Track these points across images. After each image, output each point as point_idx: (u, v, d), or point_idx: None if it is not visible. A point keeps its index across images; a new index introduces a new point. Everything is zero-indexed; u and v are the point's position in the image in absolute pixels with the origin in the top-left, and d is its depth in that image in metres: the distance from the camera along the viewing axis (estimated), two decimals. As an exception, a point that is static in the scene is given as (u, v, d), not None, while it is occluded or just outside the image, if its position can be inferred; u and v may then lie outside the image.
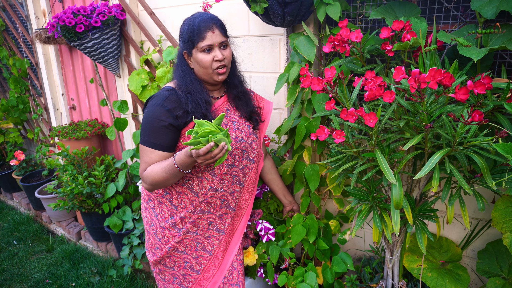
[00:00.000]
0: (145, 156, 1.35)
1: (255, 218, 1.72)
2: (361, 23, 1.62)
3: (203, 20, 1.33)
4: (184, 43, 1.36)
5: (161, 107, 1.31)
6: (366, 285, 1.64)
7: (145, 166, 1.36)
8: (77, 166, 2.74)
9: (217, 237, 1.51)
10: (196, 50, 1.34)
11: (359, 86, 1.15)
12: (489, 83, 0.91)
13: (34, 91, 3.70)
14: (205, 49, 1.33)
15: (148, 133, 1.33)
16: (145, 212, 1.54)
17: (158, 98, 1.34)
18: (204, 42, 1.32)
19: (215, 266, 1.53)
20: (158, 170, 1.30)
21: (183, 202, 1.43)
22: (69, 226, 3.18)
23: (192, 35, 1.32)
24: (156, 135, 1.32)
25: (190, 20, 1.35)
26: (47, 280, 2.56)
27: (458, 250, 1.57)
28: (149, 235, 1.53)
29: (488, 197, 1.48)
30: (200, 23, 1.32)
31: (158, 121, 1.31)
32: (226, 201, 1.47)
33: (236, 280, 1.55)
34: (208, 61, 1.34)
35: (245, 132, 1.48)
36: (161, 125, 1.31)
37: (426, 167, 0.98)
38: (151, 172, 1.32)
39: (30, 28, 3.36)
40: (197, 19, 1.33)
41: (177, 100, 1.33)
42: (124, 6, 2.37)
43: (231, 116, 1.48)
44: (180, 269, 1.52)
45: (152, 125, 1.32)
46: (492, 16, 1.12)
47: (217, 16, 1.38)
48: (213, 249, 1.51)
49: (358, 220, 1.24)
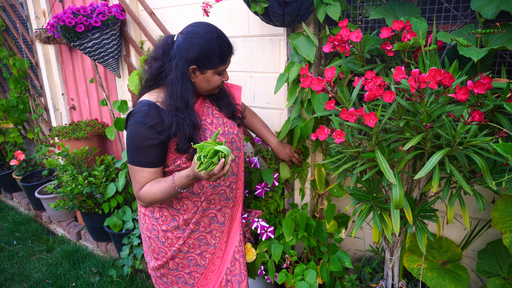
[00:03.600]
0: (137, 176, 1.32)
1: (253, 217, 1.72)
2: (361, 23, 1.62)
3: (227, 45, 1.29)
4: (196, 61, 1.26)
5: (143, 125, 1.25)
6: (366, 285, 1.65)
7: (139, 186, 1.33)
8: (77, 166, 2.74)
9: (219, 229, 1.51)
10: (213, 71, 1.29)
11: (359, 86, 1.15)
12: (489, 83, 0.91)
13: (34, 91, 3.70)
14: (222, 72, 1.31)
15: (134, 153, 1.29)
16: (143, 218, 1.50)
17: (138, 116, 1.27)
18: (225, 66, 1.30)
19: (219, 257, 1.54)
20: (156, 192, 1.28)
21: (185, 204, 1.42)
22: (69, 226, 3.18)
23: (213, 56, 1.25)
24: (143, 153, 1.28)
25: (209, 37, 1.25)
26: (47, 280, 2.56)
27: (458, 250, 1.57)
28: (151, 240, 1.48)
29: (488, 197, 1.48)
30: (225, 47, 1.27)
31: (142, 139, 1.26)
32: (225, 194, 1.48)
33: (238, 271, 1.56)
34: (220, 81, 1.33)
35: (230, 125, 1.47)
36: (146, 144, 1.26)
37: (426, 167, 0.98)
38: (148, 193, 1.30)
39: (30, 28, 3.36)
40: (221, 41, 1.27)
41: (158, 115, 1.27)
42: (124, 6, 2.37)
43: (214, 113, 1.44)
44: (184, 268, 1.51)
45: (137, 145, 1.27)
46: (492, 16, 1.12)
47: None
48: (216, 242, 1.52)
49: (358, 220, 1.24)
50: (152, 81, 1.33)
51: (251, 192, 1.89)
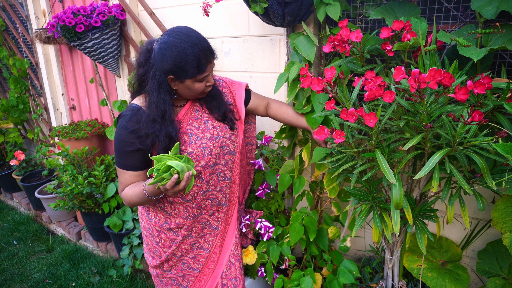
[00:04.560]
0: (120, 177, 1.35)
1: (255, 217, 1.72)
2: (361, 23, 1.62)
3: (203, 52, 1.22)
4: (171, 71, 1.22)
5: (125, 129, 1.26)
6: (366, 285, 1.64)
7: (122, 187, 1.35)
8: (77, 166, 2.74)
9: (212, 234, 1.51)
10: (191, 80, 1.25)
11: (359, 86, 1.15)
12: (489, 83, 0.91)
13: (34, 91, 3.70)
14: (202, 79, 1.27)
15: (118, 155, 1.31)
16: (141, 217, 1.54)
17: (123, 120, 1.28)
18: (204, 74, 1.26)
19: (213, 261, 1.53)
20: (132, 195, 1.30)
21: (177, 209, 1.42)
22: (69, 226, 3.18)
23: (188, 67, 1.21)
24: (125, 157, 1.30)
25: (182, 48, 1.19)
26: (47, 280, 2.56)
27: (458, 250, 1.57)
28: (147, 239, 1.53)
29: (488, 197, 1.48)
30: (200, 56, 1.21)
31: (124, 143, 1.27)
32: (216, 199, 1.46)
33: (234, 275, 1.55)
34: (202, 87, 1.30)
35: (220, 128, 1.42)
36: (127, 148, 1.28)
37: (426, 167, 0.98)
38: (126, 195, 1.32)
39: (30, 28, 3.36)
40: (195, 50, 1.20)
41: (141, 120, 1.27)
42: (124, 6, 2.37)
43: (202, 116, 1.40)
44: (177, 271, 1.52)
45: (120, 148, 1.29)
46: (492, 16, 1.12)
47: (206, 39, 1.27)
48: (210, 246, 1.51)
49: (358, 220, 1.24)
50: (139, 87, 1.33)
51: (252, 192, 1.89)
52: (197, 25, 2.16)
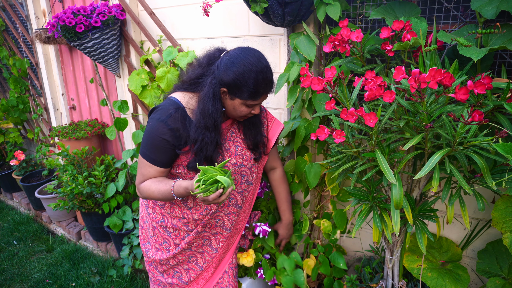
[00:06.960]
0: (143, 169, 1.33)
1: (253, 219, 1.71)
2: (361, 23, 1.62)
3: (265, 83, 1.24)
4: (228, 85, 1.23)
5: (164, 124, 1.25)
6: (366, 285, 1.64)
7: (142, 179, 1.35)
8: (77, 166, 2.74)
9: (210, 254, 1.51)
10: (241, 101, 1.26)
11: (359, 86, 1.15)
12: (489, 83, 0.91)
13: (34, 91, 3.70)
14: (251, 105, 1.28)
15: (148, 147, 1.30)
16: (141, 207, 1.57)
17: (162, 113, 1.27)
18: (255, 102, 1.27)
19: (204, 279, 1.54)
20: (154, 191, 1.30)
21: (175, 211, 1.43)
22: (69, 226, 3.18)
23: (245, 88, 1.22)
24: (155, 151, 1.29)
25: (248, 69, 1.20)
26: (47, 280, 2.56)
27: (458, 250, 1.57)
28: (142, 230, 1.57)
29: (488, 197, 1.48)
30: (261, 84, 1.22)
31: (159, 138, 1.26)
32: (222, 221, 1.47)
33: (226, 284, 1.55)
34: (246, 112, 1.30)
35: (246, 157, 1.43)
36: (161, 143, 1.27)
37: (426, 167, 0.98)
38: (147, 189, 1.32)
39: (30, 28, 3.36)
40: (259, 77, 1.21)
41: (182, 121, 1.27)
42: (124, 6, 2.37)
43: (235, 140, 1.41)
44: (168, 277, 1.54)
45: (153, 141, 1.28)
46: (492, 16, 1.12)
47: (272, 72, 1.28)
48: (205, 265, 1.51)
49: (358, 220, 1.24)
50: (188, 84, 1.33)
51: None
52: (197, 25, 2.16)
